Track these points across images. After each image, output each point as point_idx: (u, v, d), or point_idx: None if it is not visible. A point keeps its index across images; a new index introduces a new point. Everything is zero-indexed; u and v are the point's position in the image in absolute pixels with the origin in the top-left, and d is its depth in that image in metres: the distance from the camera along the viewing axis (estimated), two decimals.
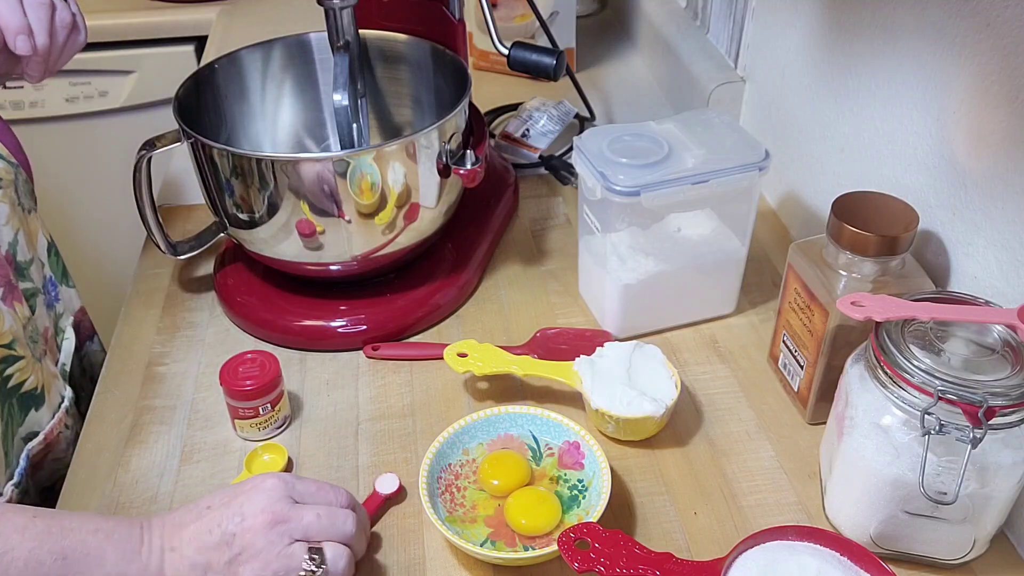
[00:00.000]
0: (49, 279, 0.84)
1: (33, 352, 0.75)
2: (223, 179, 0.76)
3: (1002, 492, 0.57)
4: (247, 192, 0.76)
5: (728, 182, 0.74)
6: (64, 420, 0.78)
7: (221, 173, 0.76)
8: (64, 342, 0.85)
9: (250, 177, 0.74)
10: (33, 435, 0.74)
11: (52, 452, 0.76)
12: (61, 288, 0.87)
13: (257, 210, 0.77)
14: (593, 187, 0.74)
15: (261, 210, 0.76)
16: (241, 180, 0.75)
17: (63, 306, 0.87)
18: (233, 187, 0.76)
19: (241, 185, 0.76)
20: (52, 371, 0.78)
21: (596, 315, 0.84)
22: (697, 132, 0.77)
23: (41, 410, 0.75)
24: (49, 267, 0.85)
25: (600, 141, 0.76)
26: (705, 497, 0.68)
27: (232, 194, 0.77)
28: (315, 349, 0.82)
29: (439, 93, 0.90)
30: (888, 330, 0.58)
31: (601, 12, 1.49)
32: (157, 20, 1.46)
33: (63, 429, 0.77)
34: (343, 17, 0.83)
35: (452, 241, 0.89)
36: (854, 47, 0.79)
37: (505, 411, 0.70)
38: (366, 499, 0.67)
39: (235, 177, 0.75)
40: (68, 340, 0.86)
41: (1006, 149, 0.61)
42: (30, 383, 0.74)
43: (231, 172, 0.75)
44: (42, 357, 0.76)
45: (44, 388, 0.75)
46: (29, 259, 0.79)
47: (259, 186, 0.75)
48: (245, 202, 0.77)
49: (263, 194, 0.75)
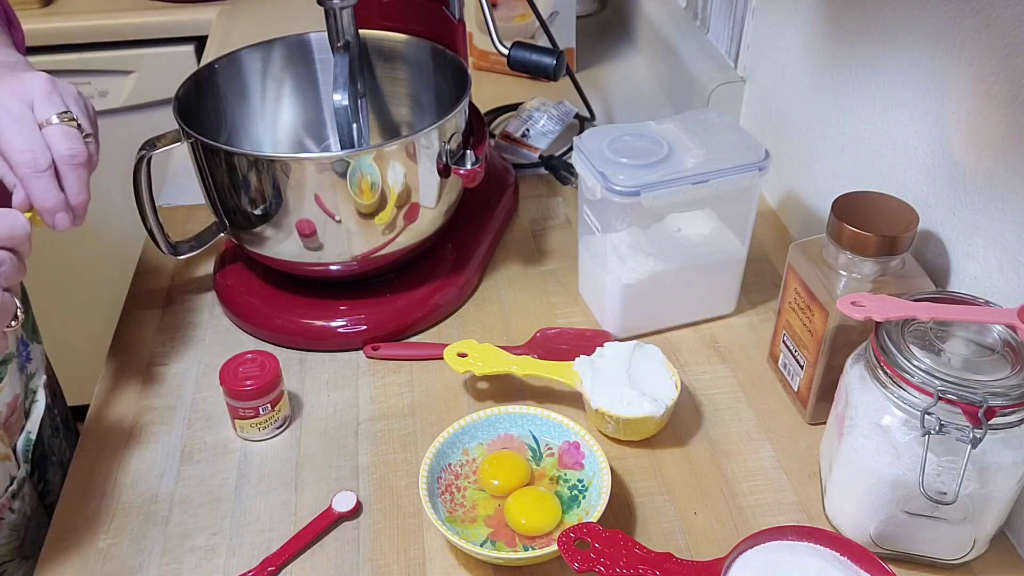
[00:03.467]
0: (20, 339, 0.79)
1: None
2: (223, 179, 0.76)
3: (1002, 492, 0.57)
4: (247, 192, 0.76)
5: (728, 182, 0.74)
6: (8, 504, 0.71)
7: (221, 173, 0.76)
8: (34, 406, 0.79)
9: (250, 177, 0.74)
10: None
11: None
12: (32, 346, 0.82)
13: (257, 210, 0.77)
14: (593, 187, 0.74)
15: (261, 210, 0.76)
16: (241, 180, 0.75)
17: (35, 365, 0.81)
18: (233, 187, 0.76)
19: (241, 185, 0.76)
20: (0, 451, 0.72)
21: (596, 315, 0.84)
22: (697, 132, 0.77)
23: None
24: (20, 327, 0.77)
25: (600, 141, 0.76)
26: (705, 497, 0.68)
27: (232, 194, 0.77)
28: (315, 349, 0.82)
29: (439, 93, 0.90)
30: (888, 330, 0.58)
31: (601, 12, 1.49)
32: (157, 20, 1.46)
33: (6, 515, 0.71)
34: (343, 17, 0.83)
35: (452, 241, 0.89)
36: (854, 47, 0.79)
37: (505, 411, 0.70)
38: (318, 515, 0.66)
39: (235, 177, 0.75)
40: (38, 403, 0.80)
41: (1006, 149, 0.61)
42: None
43: (231, 172, 0.75)
44: None
45: None
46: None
47: (259, 186, 0.75)
48: (245, 202, 0.77)
49: (263, 194, 0.75)
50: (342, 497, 0.67)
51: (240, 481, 0.70)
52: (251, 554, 0.65)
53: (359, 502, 0.67)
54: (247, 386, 0.70)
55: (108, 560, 0.64)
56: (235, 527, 0.66)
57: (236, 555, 0.65)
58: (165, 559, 0.64)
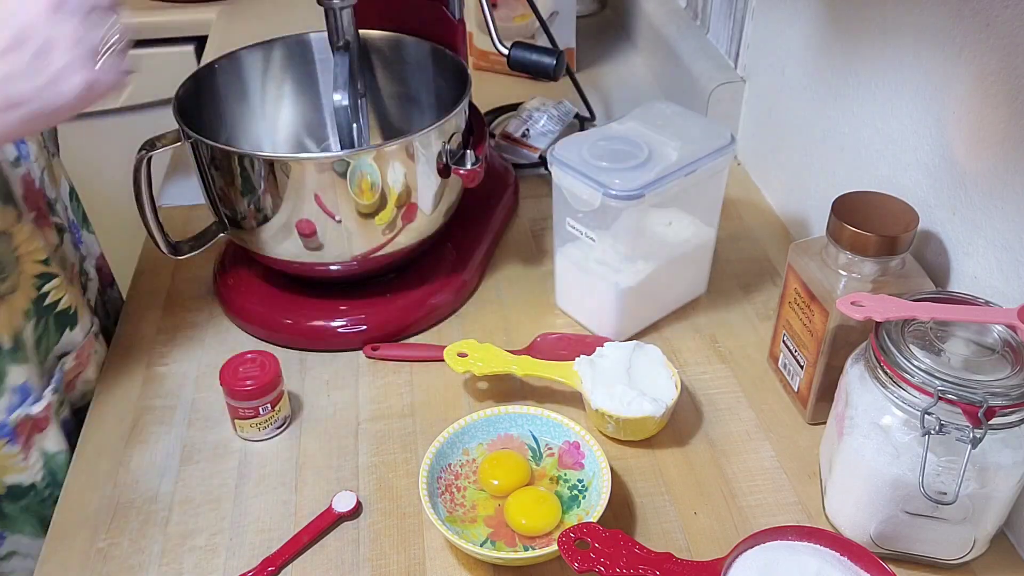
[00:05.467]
0: (71, 221, 0.86)
1: (66, 275, 0.77)
2: (223, 179, 0.76)
3: (1002, 492, 0.57)
4: (247, 192, 0.76)
5: (713, 167, 0.76)
6: (94, 344, 0.80)
7: (221, 173, 0.76)
8: (88, 283, 0.86)
9: (250, 177, 0.74)
10: (66, 353, 0.77)
11: (83, 372, 0.79)
12: (82, 232, 0.88)
13: (257, 210, 0.77)
14: (590, 198, 0.73)
15: (261, 210, 0.76)
16: (241, 180, 0.75)
17: (85, 249, 0.88)
18: (233, 187, 0.76)
19: (241, 185, 0.76)
20: (82, 298, 0.80)
21: (586, 324, 0.84)
22: (659, 126, 0.78)
23: (75, 330, 0.77)
24: (71, 211, 0.86)
25: (577, 150, 0.76)
26: (705, 497, 0.68)
27: (232, 194, 0.77)
28: (315, 349, 0.82)
29: (439, 93, 0.90)
30: (888, 330, 0.58)
31: (601, 12, 1.49)
32: (157, 20, 1.46)
33: (93, 352, 0.80)
34: (343, 17, 0.83)
35: (452, 241, 0.89)
36: (854, 47, 0.79)
37: (505, 411, 0.70)
38: (318, 515, 0.66)
39: (235, 177, 0.75)
40: (92, 281, 0.87)
41: (1006, 149, 0.61)
42: (65, 302, 0.76)
43: (231, 172, 0.75)
44: (73, 281, 0.78)
45: (77, 310, 0.78)
46: (54, 198, 0.80)
47: (259, 186, 0.75)
48: (245, 202, 0.77)
49: (263, 194, 0.75)
50: (342, 497, 0.67)
51: (240, 481, 0.70)
52: (251, 554, 0.65)
53: (359, 502, 0.67)
54: (247, 386, 0.70)
55: (108, 560, 0.64)
56: (235, 527, 0.66)
57: (236, 555, 0.65)
58: (165, 559, 0.64)
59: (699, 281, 0.86)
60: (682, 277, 0.84)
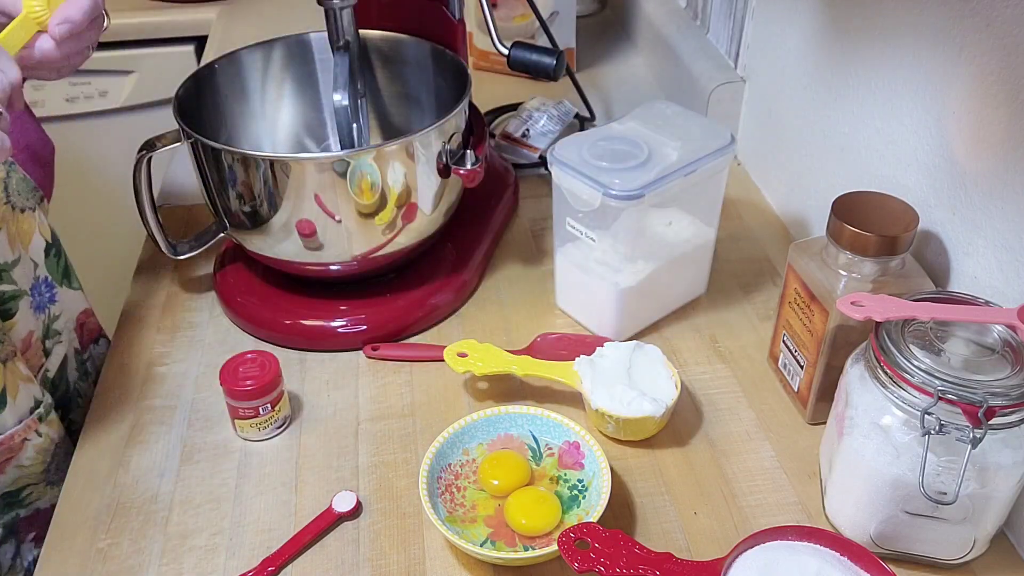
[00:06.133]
0: (43, 280, 0.81)
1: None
2: (223, 179, 0.76)
3: (1002, 492, 0.57)
4: (247, 192, 0.76)
5: (713, 167, 0.76)
6: (34, 427, 0.73)
7: (221, 173, 0.76)
8: (55, 347, 0.82)
9: (250, 177, 0.74)
10: None
11: (15, 458, 0.72)
12: (61, 290, 0.84)
13: (257, 210, 0.77)
14: (590, 198, 0.73)
15: (261, 210, 0.76)
16: (241, 180, 0.75)
17: (60, 308, 0.83)
18: (233, 187, 0.76)
19: (241, 185, 0.76)
20: (23, 374, 0.73)
21: (586, 324, 0.84)
22: (659, 126, 0.78)
23: (3, 413, 0.71)
24: (45, 268, 0.82)
25: (577, 150, 0.76)
26: (705, 497, 0.68)
27: (232, 194, 0.77)
28: (315, 349, 0.82)
29: (439, 93, 0.90)
30: (888, 330, 0.58)
31: (601, 12, 1.49)
32: (157, 20, 1.46)
33: (32, 436, 0.73)
34: (343, 17, 0.83)
35: (452, 241, 0.89)
36: (854, 47, 0.79)
37: (505, 411, 0.70)
38: (318, 515, 0.66)
39: (235, 177, 0.75)
40: (60, 344, 0.82)
41: (1006, 149, 0.61)
42: None
43: (231, 172, 0.75)
44: (8, 359, 0.72)
45: (6, 390, 0.71)
46: (13, 260, 0.77)
47: (259, 186, 0.75)
48: (245, 202, 0.77)
49: (263, 194, 0.75)
50: (342, 497, 0.67)
51: (240, 481, 0.70)
52: (251, 554, 0.65)
53: (359, 502, 0.67)
54: (247, 386, 0.70)
55: (108, 560, 0.64)
56: (235, 527, 0.66)
57: (236, 555, 0.65)
58: (165, 559, 0.64)
59: (699, 281, 0.86)
60: (682, 277, 0.84)
